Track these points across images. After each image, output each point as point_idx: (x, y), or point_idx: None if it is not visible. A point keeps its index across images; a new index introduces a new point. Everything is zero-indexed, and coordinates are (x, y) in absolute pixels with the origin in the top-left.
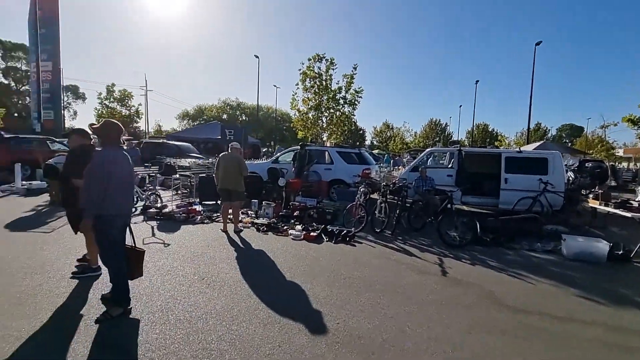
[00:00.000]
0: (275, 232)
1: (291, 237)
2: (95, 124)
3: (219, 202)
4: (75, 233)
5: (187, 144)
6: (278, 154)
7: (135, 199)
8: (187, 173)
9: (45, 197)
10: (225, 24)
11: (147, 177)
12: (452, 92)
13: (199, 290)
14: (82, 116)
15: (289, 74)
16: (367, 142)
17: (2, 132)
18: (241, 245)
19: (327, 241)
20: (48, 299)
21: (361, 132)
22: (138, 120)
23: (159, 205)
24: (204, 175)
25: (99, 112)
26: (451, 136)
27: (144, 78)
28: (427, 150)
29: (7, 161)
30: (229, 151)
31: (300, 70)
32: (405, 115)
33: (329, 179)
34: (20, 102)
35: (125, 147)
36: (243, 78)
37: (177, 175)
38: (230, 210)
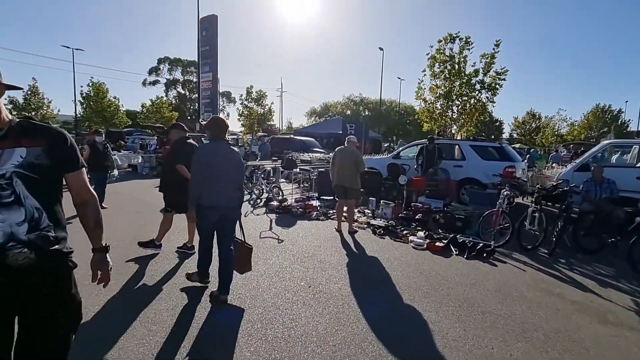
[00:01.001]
0: (394, 237)
1: (412, 244)
2: (204, 121)
3: (336, 198)
4: (165, 214)
5: (311, 139)
6: (400, 149)
7: (243, 193)
8: (307, 167)
9: None
10: (350, 21)
11: (272, 170)
12: (626, 70)
13: (303, 300)
14: (232, 116)
15: (414, 66)
16: (505, 135)
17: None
18: (354, 250)
19: (456, 254)
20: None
21: (497, 123)
22: (271, 117)
23: (280, 198)
24: (322, 169)
25: (240, 111)
26: (627, 125)
27: (280, 81)
28: (603, 142)
29: None
30: (346, 145)
31: (428, 54)
32: (555, 103)
33: (459, 178)
34: (191, 107)
35: (229, 141)
36: (367, 73)
37: (298, 170)
38: (345, 208)
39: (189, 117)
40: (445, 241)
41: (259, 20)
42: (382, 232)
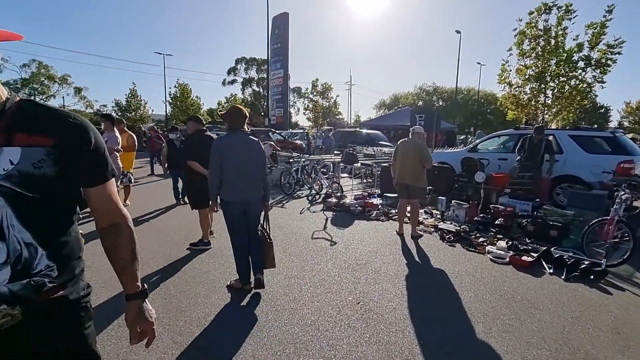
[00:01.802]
0: (467, 246)
1: (490, 256)
2: (222, 111)
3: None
4: (192, 209)
5: (377, 132)
6: (477, 141)
7: (268, 185)
8: (369, 162)
9: None
10: (424, 5)
11: (332, 165)
12: None
13: (348, 321)
14: (302, 111)
15: (496, 48)
16: (612, 124)
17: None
18: (416, 259)
19: (550, 273)
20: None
21: (602, 110)
22: (337, 110)
23: (338, 194)
24: (386, 164)
25: (305, 105)
26: None
27: (348, 74)
28: None
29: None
30: (410, 137)
31: (515, 30)
32: None
33: (553, 175)
34: (265, 103)
35: (248, 133)
36: (441, 61)
37: (359, 164)
38: (408, 209)
39: (262, 113)
40: (535, 255)
41: (327, 14)
42: (452, 238)
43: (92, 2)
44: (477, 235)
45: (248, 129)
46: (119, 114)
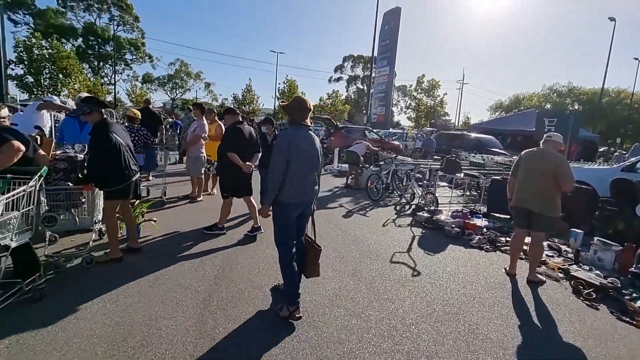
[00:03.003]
0: (616, 311)
1: None
2: (285, 101)
3: (513, 223)
4: (224, 199)
5: (489, 136)
6: (638, 158)
7: (316, 188)
8: (475, 172)
9: (343, 180)
10: None
11: (428, 171)
12: None
13: None
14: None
15: None
16: None
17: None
18: (534, 319)
19: None
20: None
21: None
22: (442, 110)
23: (432, 208)
24: (499, 177)
25: (407, 103)
26: None
27: (459, 71)
28: None
29: (341, 145)
30: (541, 146)
31: None
32: None
33: None
34: (367, 101)
35: (311, 127)
36: (579, 57)
37: (462, 174)
38: (526, 241)
39: (364, 111)
40: None
41: (440, 6)
42: (593, 295)
43: (221, 7)
44: (634, 296)
45: (311, 123)
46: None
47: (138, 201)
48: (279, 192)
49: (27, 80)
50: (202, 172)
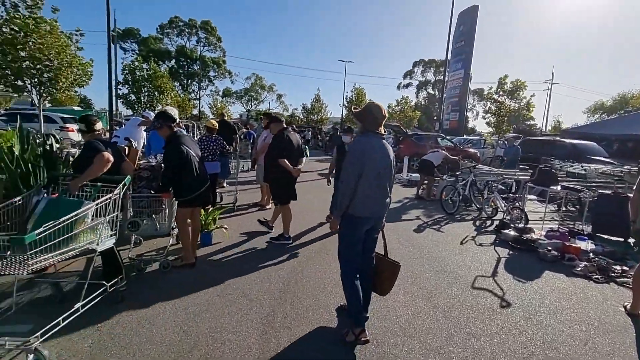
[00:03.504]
0: None
1: None
2: (356, 108)
3: (634, 246)
4: (277, 205)
5: (589, 142)
6: None
7: (387, 201)
8: (576, 185)
9: (413, 190)
10: None
11: (515, 183)
12: None
13: None
14: (482, 115)
15: None
16: None
17: (415, 130)
18: None
19: None
20: None
21: None
22: (529, 114)
23: (521, 226)
24: (607, 192)
25: (487, 107)
26: None
27: (546, 70)
28: None
29: (410, 153)
30: None
31: None
32: None
33: None
34: (439, 106)
35: (384, 136)
36: None
37: (559, 187)
38: None
39: (435, 117)
40: None
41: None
42: None
43: (291, 20)
44: None
45: (384, 131)
46: (305, 115)
47: (211, 208)
48: (349, 204)
49: (130, 98)
50: None
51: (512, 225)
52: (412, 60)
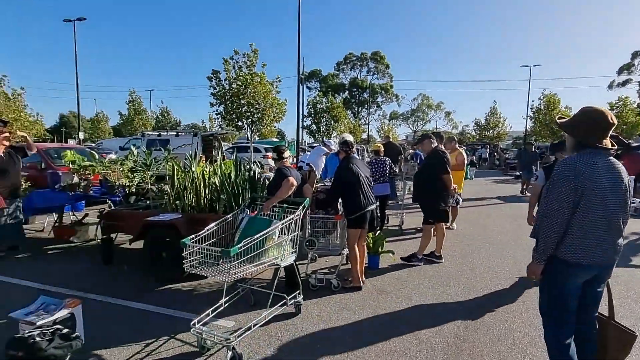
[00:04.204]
0: None
1: None
2: (562, 117)
3: None
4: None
5: None
6: None
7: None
8: None
9: None
10: None
11: None
12: None
13: None
14: None
15: None
16: None
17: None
18: None
19: None
20: None
21: None
22: None
23: None
24: None
25: None
26: None
27: None
28: None
29: (636, 171)
30: None
31: None
32: None
33: None
34: None
35: (610, 153)
36: None
37: None
38: None
39: None
40: None
41: None
42: None
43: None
44: None
45: (613, 146)
46: (477, 132)
47: (379, 231)
48: (558, 245)
49: (312, 127)
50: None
51: None
52: (630, 50)
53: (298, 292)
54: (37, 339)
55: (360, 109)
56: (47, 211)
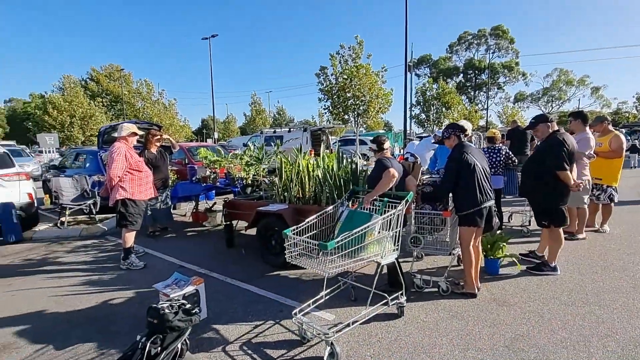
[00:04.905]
0: None
1: None
2: None
3: None
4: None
5: None
6: None
7: None
8: None
9: None
10: None
11: None
12: None
13: None
14: None
15: None
16: None
17: None
18: None
19: None
20: None
21: None
22: None
23: None
24: None
25: None
26: None
27: None
28: None
29: None
30: None
31: None
32: None
33: None
34: None
35: None
36: None
37: None
38: None
39: None
40: None
41: None
42: None
43: None
44: None
45: None
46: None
47: (498, 232)
48: None
49: (421, 117)
50: (586, 201)
51: None
52: None
53: (401, 292)
54: (167, 310)
55: (477, 92)
56: (188, 199)
